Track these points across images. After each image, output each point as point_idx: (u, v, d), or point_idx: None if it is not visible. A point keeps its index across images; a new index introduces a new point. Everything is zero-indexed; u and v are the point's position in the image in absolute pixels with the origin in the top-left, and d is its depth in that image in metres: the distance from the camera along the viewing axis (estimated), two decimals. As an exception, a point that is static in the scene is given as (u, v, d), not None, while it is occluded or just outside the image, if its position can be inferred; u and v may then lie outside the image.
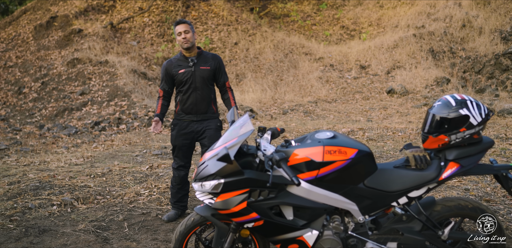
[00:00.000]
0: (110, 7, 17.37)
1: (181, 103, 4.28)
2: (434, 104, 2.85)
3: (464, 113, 2.71)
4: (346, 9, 21.19)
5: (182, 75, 4.19)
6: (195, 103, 4.24)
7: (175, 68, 4.23)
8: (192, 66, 4.19)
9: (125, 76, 12.71)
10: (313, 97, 13.78)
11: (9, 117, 12.17)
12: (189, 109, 4.26)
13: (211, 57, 4.32)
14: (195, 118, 4.27)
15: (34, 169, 6.84)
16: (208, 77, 4.25)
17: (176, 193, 4.59)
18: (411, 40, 16.40)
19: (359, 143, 2.86)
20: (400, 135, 8.65)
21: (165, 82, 4.32)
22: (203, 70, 4.22)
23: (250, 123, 2.77)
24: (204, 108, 4.28)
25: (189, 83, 4.20)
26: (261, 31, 17.63)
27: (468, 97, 2.79)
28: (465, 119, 2.71)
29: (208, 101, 4.31)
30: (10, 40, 16.18)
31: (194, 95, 4.22)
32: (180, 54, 4.27)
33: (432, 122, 2.79)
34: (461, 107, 2.72)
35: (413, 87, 13.88)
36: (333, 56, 16.70)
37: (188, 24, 4.19)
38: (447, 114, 2.73)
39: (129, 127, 10.26)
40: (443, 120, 2.75)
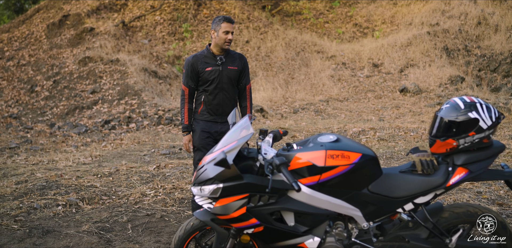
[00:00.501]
0: (122, 6, 17.39)
1: (205, 103, 4.03)
2: (442, 106, 2.74)
3: (473, 116, 2.59)
4: (359, 6, 20.95)
5: (209, 73, 3.95)
6: (221, 104, 4.01)
7: (202, 65, 3.96)
8: (220, 65, 3.96)
9: (136, 74, 12.70)
10: (325, 96, 13.64)
11: (21, 115, 12.24)
12: (214, 110, 4.03)
13: (238, 57, 4.10)
14: (220, 119, 4.05)
15: (42, 168, 6.84)
16: (234, 78, 4.04)
17: None
18: (425, 38, 16.15)
19: (363, 146, 2.77)
20: (412, 135, 8.50)
21: (191, 79, 4.01)
22: (231, 70, 4.00)
23: (250, 126, 2.69)
24: (229, 110, 4.05)
25: (216, 83, 3.96)
26: (273, 29, 17.51)
27: (477, 100, 2.68)
28: (475, 122, 2.60)
29: (233, 102, 4.10)
30: (23, 39, 16.29)
31: (220, 95, 4.00)
32: (208, 51, 3.99)
33: (440, 125, 2.68)
34: (470, 110, 2.61)
35: (426, 86, 13.66)
36: (346, 54, 16.53)
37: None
38: (455, 117, 2.62)
39: (139, 126, 10.25)
40: (451, 123, 2.63)
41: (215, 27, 3.90)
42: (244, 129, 2.69)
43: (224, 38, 3.86)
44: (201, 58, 3.98)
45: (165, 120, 10.30)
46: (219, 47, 3.93)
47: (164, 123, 10.24)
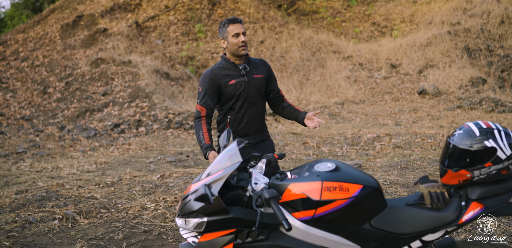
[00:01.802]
0: (136, 6, 17.27)
1: (233, 124, 3.41)
2: (455, 132, 2.43)
3: (490, 145, 2.28)
4: (377, 5, 20.47)
5: (234, 87, 3.33)
6: (252, 121, 3.42)
7: (224, 78, 3.32)
8: (245, 75, 3.36)
9: (147, 76, 12.54)
10: (340, 98, 13.29)
11: (33, 117, 12.20)
12: (245, 130, 3.43)
13: (260, 63, 3.52)
14: (253, 140, 3.44)
15: (45, 176, 6.69)
16: (262, 88, 3.45)
17: None
18: (445, 37, 15.64)
19: (365, 175, 2.48)
20: (430, 142, 8.14)
21: (209, 97, 3.33)
22: (257, 79, 3.41)
23: (238, 153, 2.42)
24: (260, 126, 3.49)
25: (243, 97, 3.36)
26: (288, 29, 17.18)
27: (495, 125, 2.36)
28: (492, 152, 2.28)
29: (263, 116, 3.53)
30: (38, 39, 16.29)
31: (250, 111, 3.41)
32: (226, 61, 3.39)
33: (452, 154, 2.37)
34: (487, 137, 2.29)
35: (446, 88, 13.20)
36: (363, 55, 16.12)
37: (242, 24, 3.35)
38: (469, 146, 2.31)
39: (148, 130, 10.08)
40: (464, 152, 2.32)
41: (222, 35, 3.34)
42: (232, 156, 2.43)
43: (236, 42, 3.27)
44: (220, 70, 3.35)
45: (175, 124, 10.10)
46: (236, 55, 3.34)
47: (174, 127, 10.05)
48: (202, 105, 3.34)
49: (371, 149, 8.00)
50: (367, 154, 7.61)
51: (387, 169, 6.64)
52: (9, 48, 16.12)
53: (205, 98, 3.34)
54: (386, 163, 6.95)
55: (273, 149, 3.60)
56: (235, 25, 3.27)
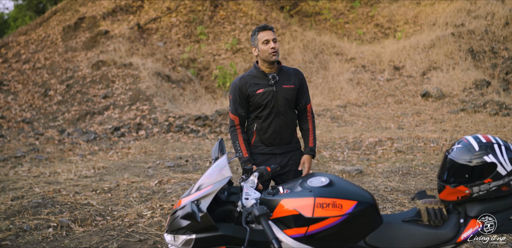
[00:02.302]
0: (138, 8, 17.21)
1: (259, 133, 3.38)
2: (453, 146, 2.33)
3: (489, 160, 2.18)
4: (381, 6, 20.35)
5: (261, 96, 3.29)
6: (278, 131, 3.36)
7: (252, 87, 3.31)
8: (274, 84, 3.30)
9: (148, 79, 12.46)
10: (343, 101, 13.18)
11: (34, 120, 12.15)
12: (270, 140, 3.37)
13: (293, 73, 3.42)
14: (278, 150, 3.39)
15: (42, 182, 6.63)
16: (292, 99, 3.36)
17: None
18: (449, 39, 15.51)
19: (360, 190, 2.39)
20: (432, 146, 8.02)
21: (240, 105, 3.34)
22: (287, 90, 3.33)
23: (228, 167, 2.34)
24: (288, 138, 3.41)
25: (270, 107, 3.31)
26: (291, 31, 17.08)
27: (495, 139, 2.26)
28: (491, 167, 2.18)
29: (293, 128, 3.45)
30: (40, 41, 16.26)
31: (277, 121, 3.35)
32: (256, 70, 3.34)
33: (451, 169, 2.28)
34: (486, 152, 2.19)
35: (449, 90, 13.07)
36: (366, 56, 16.00)
37: (273, 31, 3.29)
38: (468, 161, 2.21)
39: (148, 134, 10.00)
40: (463, 168, 2.23)
41: (253, 42, 3.31)
42: (222, 170, 2.34)
43: (266, 49, 3.21)
44: (249, 79, 3.34)
45: (175, 127, 10.03)
46: (267, 62, 3.27)
47: (174, 130, 9.97)
48: (234, 113, 3.38)
49: (373, 153, 7.89)
50: (369, 159, 7.51)
51: (388, 175, 6.53)
52: (11, 50, 16.10)
53: (235, 106, 3.37)
54: (387, 169, 6.84)
55: (300, 159, 3.50)
56: (265, 32, 3.24)
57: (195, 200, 2.28)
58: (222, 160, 2.41)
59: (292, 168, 3.45)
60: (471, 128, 9.49)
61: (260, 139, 3.40)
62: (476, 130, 9.30)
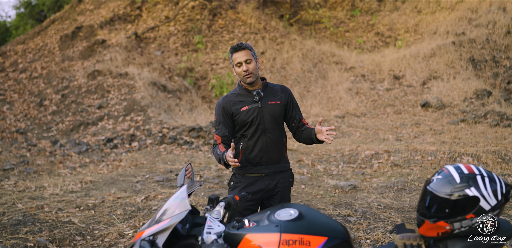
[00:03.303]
0: (136, 17, 17.13)
1: (245, 152, 3.22)
2: (433, 177, 2.13)
3: (472, 194, 1.98)
4: (381, 14, 20.20)
5: (246, 114, 3.16)
6: (265, 150, 3.20)
7: (236, 105, 3.19)
8: (258, 101, 3.18)
9: (144, 89, 12.32)
10: (341, 111, 12.98)
11: (28, 130, 12.01)
12: (257, 159, 3.20)
13: (280, 89, 3.30)
14: (266, 170, 3.21)
15: (27, 197, 6.45)
16: (279, 115, 3.22)
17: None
18: (450, 48, 15.32)
19: (332, 224, 2.19)
20: (430, 160, 7.81)
21: (224, 125, 3.22)
22: (273, 106, 3.19)
23: (187, 199, 2.14)
24: (276, 156, 3.24)
25: (256, 124, 3.17)
26: (290, 39, 16.94)
27: (478, 169, 2.06)
28: (474, 202, 1.99)
29: (281, 146, 3.28)
30: (37, 51, 16.18)
31: (263, 139, 3.19)
32: (240, 87, 3.25)
33: (430, 202, 2.08)
34: (468, 185, 2.00)
35: (450, 100, 12.86)
36: (365, 65, 15.82)
37: (249, 50, 3.14)
38: (448, 194, 2.01)
39: (141, 145, 9.83)
40: (443, 201, 2.03)
41: (231, 62, 3.21)
42: (181, 202, 2.15)
43: (240, 72, 3.12)
44: (233, 97, 3.24)
45: (168, 139, 9.85)
46: (244, 82, 3.19)
47: (167, 142, 9.80)
48: (217, 134, 3.25)
49: (368, 167, 7.69)
50: (364, 173, 7.30)
51: (382, 191, 6.33)
52: (8, 59, 16.02)
53: (219, 127, 3.25)
54: (382, 184, 6.64)
55: (289, 183, 3.32)
56: (238, 53, 3.12)
57: (151, 235, 2.10)
58: (181, 191, 2.22)
59: (281, 192, 3.26)
60: (471, 140, 9.28)
61: (246, 158, 3.23)
62: (475, 142, 9.09)
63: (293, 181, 3.41)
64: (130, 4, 17.33)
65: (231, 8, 17.79)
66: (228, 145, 3.22)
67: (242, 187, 3.20)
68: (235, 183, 3.25)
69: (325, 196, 6.19)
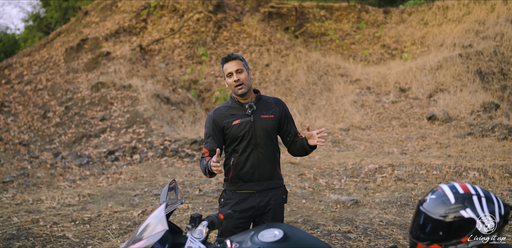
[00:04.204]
0: (141, 29, 17.19)
1: (236, 167, 3.08)
2: (427, 197, 2.00)
3: (467, 215, 1.85)
4: (387, 27, 20.15)
5: (237, 128, 3.04)
6: (257, 165, 3.06)
7: (227, 118, 3.08)
8: (251, 114, 3.07)
9: (147, 101, 12.27)
10: (346, 124, 12.83)
11: (31, 142, 11.97)
12: (248, 175, 3.06)
13: (274, 102, 3.19)
14: (258, 187, 3.07)
15: (23, 210, 6.35)
16: (272, 129, 3.10)
17: None
18: (456, 60, 15.18)
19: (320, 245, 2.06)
20: (435, 174, 7.63)
21: (213, 139, 3.09)
22: (265, 120, 3.08)
23: (164, 220, 2.03)
24: (268, 173, 3.10)
25: (247, 139, 3.05)
26: (295, 52, 16.89)
27: (474, 189, 1.93)
28: (470, 224, 1.85)
29: (274, 162, 3.14)
30: (42, 63, 16.24)
31: (255, 154, 3.06)
32: (232, 100, 3.14)
33: (424, 224, 1.95)
34: (464, 206, 1.86)
35: (457, 113, 12.68)
36: (371, 78, 15.71)
37: (240, 60, 3.07)
38: (442, 216, 1.88)
39: (142, 158, 9.73)
40: (437, 223, 1.89)
41: (223, 74, 3.14)
42: (159, 222, 2.03)
43: (230, 82, 3.04)
44: (224, 110, 3.13)
45: (170, 151, 9.75)
46: (236, 94, 3.09)
47: (169, 154, 9.70)
48: (206, 147, 3.13)
49: (372, 181, 7.52)
50: (366, 187, 7.14)
51: (385, 206, 6.16)
52: (14, 71, 16.09)
53: (208, 140, 3.13)
54: (385, 199, 6.47)
55: (282, 200, 3.19)
56: (228, 64, 3.05)
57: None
58: (159, 211, 2.11)
59: (273, 210, 3.12)
60: (478, 154, 9.09)
61: (237, 174, 3.10)
62: (482, 156, 8.90)
63: (287, 198, 3.29)
64: (135, 16, 17.41)
65: (236, 20, 17.82)
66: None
67: (232, 204, 3.08)
68: (226, 200, 3.12)
69: (325, 211, 6.04)
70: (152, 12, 17.73)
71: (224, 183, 3.19)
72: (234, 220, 3.04)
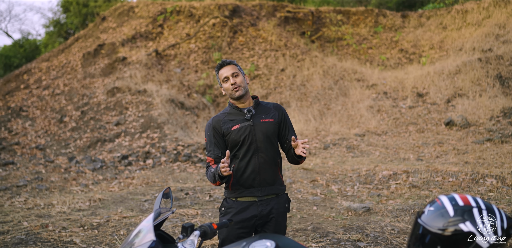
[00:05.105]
0: (157, 34, 17.30)
1: (237, 173, 3.01)
2: (425, 209, 1.90)
3: (466, 229, 1.74)
4: (405, 31, 19.91)
5: (237, 132, 2.99)
6: (257, 170, 2.99)
7: (226, 124, 3.03)
8: (250, 119, 3.02)
9: (161, 106, 12.30)
10: (361, 129, 12.67)
11: (47, 146, 12.10)
12: (249, 181, 2.99)
13: (273, 107, 3.16)
14: (259, 193, 2.99)
15: (34, 215, 6.38)
16: (272, 134, 3.05)
17: None
18: (476, 65, 14.89)
19: None
20: (451, 181, 7.44)
21: (216, 146, 3.04)
22: (265, 124, 3.03)
23: (152, 230, 1.97)
24: (270, 178, 3.02)
25: (247, 143, 2.98)
26: (311, 56, 16.79)
27: (475, 201, 1.82)
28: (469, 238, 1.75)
29: (275, 167, 3.06)
30: (60, 68, 16.45)
31: (256, 159, 2.99)
32: (231, 106, 3.10)
33: (421, 238, 1.85)
34: (463, 219, 1.76)
35: (475, 119, 12.41)
36: (388, 83, 15.51)
37: (234, 65, 3.07)
38: (440, 229, 1.78)
39: (155, 163, 9.74)
40: (435, 237, 1.79)
41: (218, 82, 3.12)
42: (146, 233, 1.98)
43: (227, 87, 3.01)
44: (223, 117, 3.08)
45: (183, 156, 9.73)
46: (233, 98, 3.05)
47: (182, 159, 9.68)
48: (210, 156, 3.05)
49: (385, 188, 7.37)
50: (380, 194, 6.99)
51: (398, 214, 6.02)
52: (33, 76, 16.34)
53: (211, 148, 3.06)
54: (398, 206, 6.32)
55: (284, 209, 3.10)
56: (223, 69, 3.04)
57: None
58: (147, 220, 2.05)
59: (276, 219, 3.03)
60: (496, 161, 8.85)
61: (238, 180, 3.02)
62: (501, 162, 8.66)
63: (290, 206, 3.20)
64: (152, 22, 17.55)
65: (252, 25, 17.81)
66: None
67: (233, 213, 2.99)
68: (227, 209, 3.04)
69: (336, 219, 5.92)
70: (169, 17, 17.84)
71: (225, 191, 3.11)
72: (235, 230, 2.96)
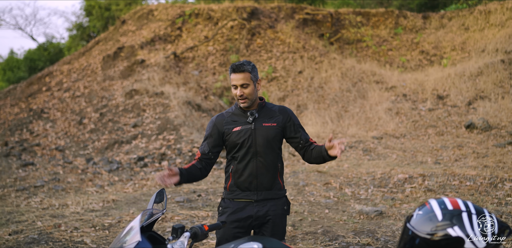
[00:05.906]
0: (176, 37, 17.44)
1: (234, 175, 3.02)
2: (414, 213, 1.86)
3: (455, 234, 1.69)
4: (426, 32, 19.63)
5: (237, 135, 2.98)
6: (255, 174, 2.99)
7: (228, 124, 3.03)
8: (252, 122, 3.01)
9: (178, 108, 12.38)
10: (379, 132, 12.51)
11: (66, 148, 12.29)
12: (246, 184, 2.99)
13: (278, 110, 3.10)
14: (255, 196, 2.99)
15: (48, 215, 6.48)
16: (273, 138, 3.01)
17: None
18: (498, 66, 14.58)
19: None
20: (468, 185, 7.28)
21: (208, 144, 3.06)
22: (267, 128, 3.01)
23: (138, 231, 1.96)
24: (267, 183, 3.01)
25: (246, 147, 2.98)
26: (329, 58, 16.69)
27: (465, 205, 1.76)
28: (458, 244, 1.69)
29: (274, 172, 3.04)
30: (81, 70, 16.72)
31: (254, 163, 2.99)
32: (236, 107, 3.09)
33: (411, 243, 1.80)
34: (452, 223, 1.70)
35: (497, 122, 12.13)
36: (408, 85, 15.30)
37: (248, 72, 2.94)
38: (429, 234, 1.73)
39: (171, 164, 9.80)
40: (423, 242, 1.74)
41: (230, 81, 3.07)
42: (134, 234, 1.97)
43: (235, 94, 2.98)
44: (227, 116, 3.08)
45: (197, 158, 9.77)
46: (239, 105, 3.05)
47: (196, 161, 9.72)
48: (199, 149, 3.10)
49: (400, 192, 7.26)
50: (394, 198, 6.89)
51: (411, 218, 5.90)
52: (54, 79, 16.64)
53: (203, 143, 3.11)
54: (412, 210, 6.19)
55: (283, 211, 3.07)
56: (234, 75, 2.95)
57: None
58: (135, 222, 2.05)
59: (273, 221, 3.01)
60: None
61: (235, 182, 3.03)
62: (522, 167, 8.44)
63: (289, 209, 3.16)
64: (170, 24, 17.70)
65: (270, 27, 17.80)
66: (207, 163, 3.05)
67: (230, 213, 3.00)
68: (223, 208, 3.05)
69: (347, 222, 5.85)
70: (187, 20, 17.97)
71: (223, 191, 3.13)
72: (231, 230, 2.96)
